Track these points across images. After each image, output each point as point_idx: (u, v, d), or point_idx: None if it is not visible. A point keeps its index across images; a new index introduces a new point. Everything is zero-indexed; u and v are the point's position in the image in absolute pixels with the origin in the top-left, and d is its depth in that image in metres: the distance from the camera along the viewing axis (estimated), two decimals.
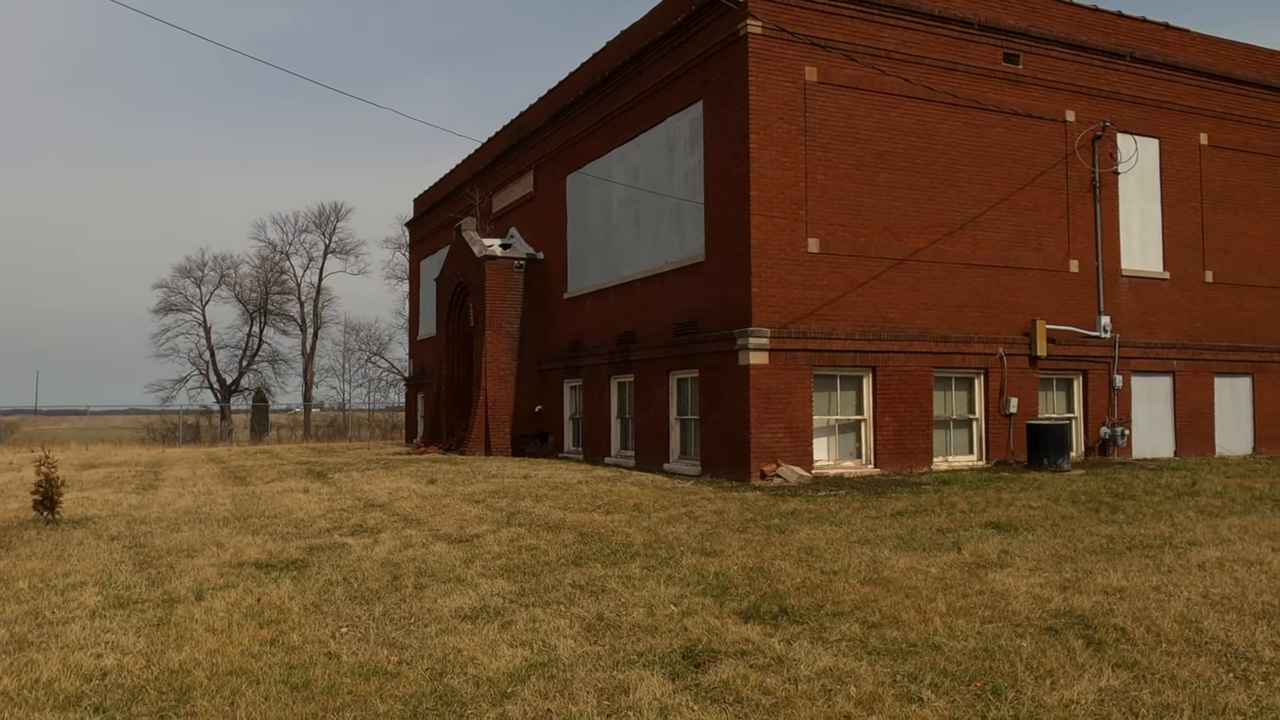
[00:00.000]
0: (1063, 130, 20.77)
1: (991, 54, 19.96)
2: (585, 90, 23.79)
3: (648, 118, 21.25)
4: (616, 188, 22.67)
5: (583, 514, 13.02)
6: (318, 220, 67.27)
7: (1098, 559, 9.51)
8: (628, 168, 22.24)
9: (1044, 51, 20.56)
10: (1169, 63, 22.21)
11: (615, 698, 5.57)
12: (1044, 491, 14.58)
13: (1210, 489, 15.09)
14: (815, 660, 6.18)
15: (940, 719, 5.17)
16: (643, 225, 21.65)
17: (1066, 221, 20.74)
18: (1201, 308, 22.54)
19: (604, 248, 23.48)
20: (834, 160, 18.18)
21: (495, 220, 30.27)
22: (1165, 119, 22.20)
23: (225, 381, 63.61)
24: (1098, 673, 5.88)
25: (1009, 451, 19.68)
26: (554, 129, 26.03)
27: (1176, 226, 22.27)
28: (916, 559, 9.47)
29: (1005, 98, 20.06)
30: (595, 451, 23.33)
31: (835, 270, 18.14)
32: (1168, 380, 21.99)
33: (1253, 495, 14.50)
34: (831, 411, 18.31)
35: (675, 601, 7.85)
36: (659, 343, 20.36)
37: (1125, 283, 21.49)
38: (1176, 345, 21.98)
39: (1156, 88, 22.06)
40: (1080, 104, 20.99)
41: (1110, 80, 21.40)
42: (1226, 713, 5.21)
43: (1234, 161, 23.18)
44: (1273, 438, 23.24)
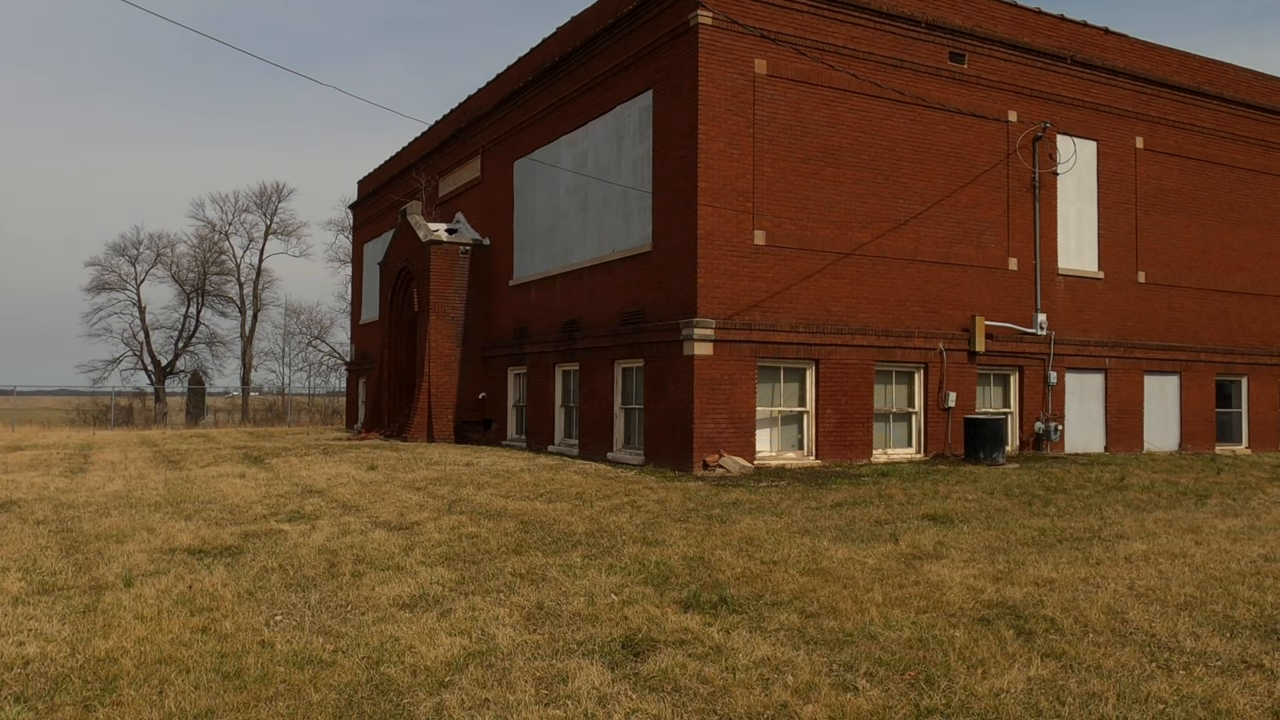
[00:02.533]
0: (1005, 130, 21.13)
1: (938, 52, 20.22)
2: (534, 76, 23.61)
3: (597, 105, 21.16)
4: (564, 175, 22.55)
5: (525, 502, 12.97)
6: (259, 200, 65.86)
7: (1029, 551, 9.73)
8: (576, 155, 22.13)
9: (988, 52, 20.89)
10: (1108, 67, 22.72)
11: (554, 686, 5.57)
12: (979, 485, 14.87)
13: (1138, 484, 15.52)
14: (753, 650, 6.23)
15: (875, 708, 5.24)
16: (590, 213, 21.58)
17: (1006, 220, 21.13)
18: (1133, 307, 23.14)
19: (551, 235, 23.36)
20: (781, 153, 18.29)
21: (441, 205, 29.94)
22: (1103, 122, 22.71)
23: (160, 363, 62.12)
24: (1027, 662, 6.02)
25: (947, 445, 20.03)
26: (502, 114, 25.80)
27: (1111, 227, 22.82)
28: (855, 550, 9.60)
29: (950, 96, 20.35)
30: (539, 440, 23.25)
31: (780, 263, 18.26)
32: (1100, 378, 22.55)
33: (1178, 490, 14.95)
34: (774, 403, 18.46)
35: (616, 590, 7.86)
36: (604, 331, 20.33)
37: (1061, 281, 21.97)
38: (1109, 344, 22.54)
39: (1095, 91, 22.55)
40: (1022, 105, 21.37)
41: (1051, 82, 21.82)
42: (1149, 701, 5.36)
43: (1167, 166, 23.81)
44: (1198, 434, 23.97)
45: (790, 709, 5.23)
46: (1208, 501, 13.90)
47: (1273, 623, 7.05)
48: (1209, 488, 15.35)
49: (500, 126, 25.98)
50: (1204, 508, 13.27)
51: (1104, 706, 5.26)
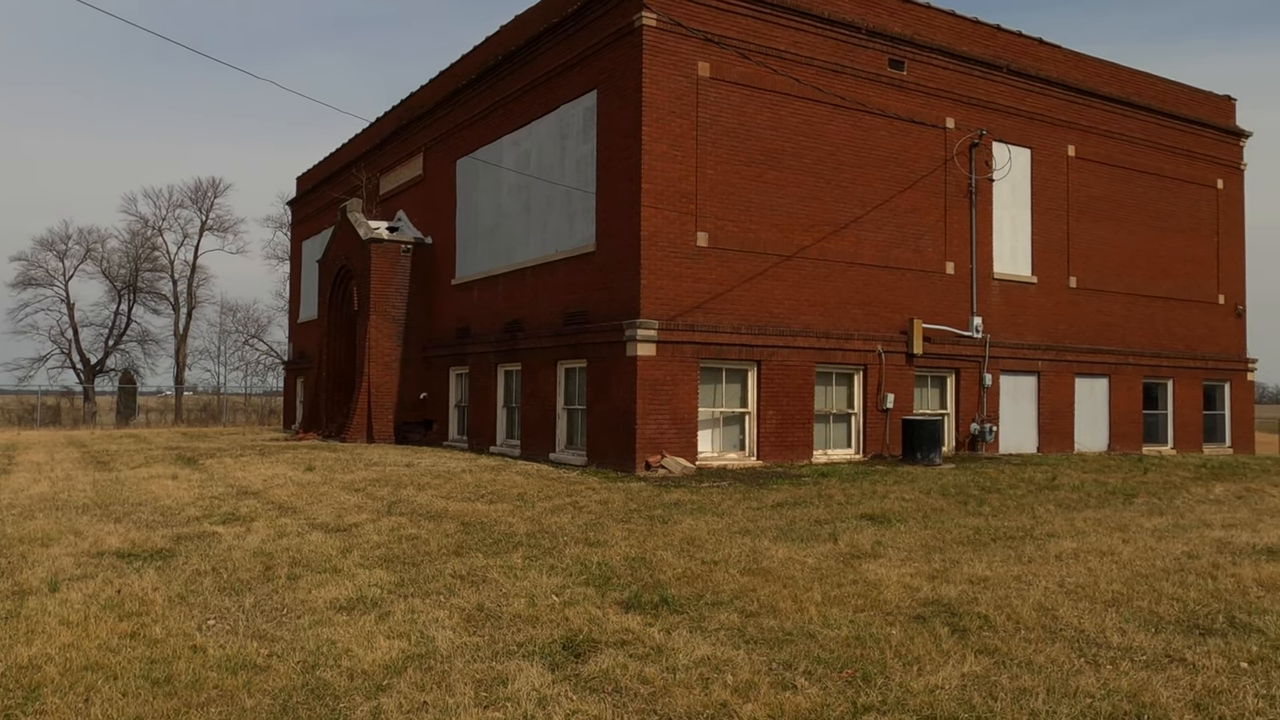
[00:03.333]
0: (942, 136, 21.53)
1: (878, 59, 20.53)
2: (478, 74, 23.44)
3: (541, 105, 21.08)
4: (508, 174, 22.43)
5: (466, 503, 12.87)
6: (194, 195, 64.34)
7: (964, 550, 9.92)
8: (519, 154, 22.03)
9: (927, 59, 21.26)
10: (1041, 76, 23.27)
11: (494, 689, 5.53)
12: (917, 485, 15.11)
13: (1069, 483, 15.91)
14: (694, 649, 6.26)
15: (813, 706, 5.30)
16: (533, 213, 21.49)
17: (944, 225, 21.53)
18: (1065, 311, 23.73)
19: (494, 234, 23.21)
20: (724, 156, 18.41)
21: (383, 202, 29.57)
22: (1037, 130, 23.26)
23: (89, 361, 60.38)
24: (961, 659, 6.14)
25: (885, 445, 20.33)
26: (445, 111, 25.58)
27: (1044, 233, 23.38)
28: (795, 549, 9.69)
29: (890, 102, 20.66)
30: (481, 440, 23.08)
31: (723, 265, 18.38)
32: (1033, 380, 23.09)
33: (1106, 490, 15.36)
34: (717, 404, 18.57)
35: (557, 592, 7.84)
36: (547, 332, 20.26)
37: (996, 285, 22.45)
38: (1042, 346, 23.09)
39: (1030, 100, 23.08)
40: (959, 112, 21.80)
41: (987, 90, 22.29)
42: (1077, 695, 5.50)
43: (1098, 174, 24.47)
44: (1126, 435, 24.67)
45: (730, 708, 5.26)
46: (1135, 501, 14.31)
47: (1195, 618, 7.28)
48: (1136, 487, 15.79)
49: (443, 125, 25.75)
50: (1131, 507, 13.66)
51: (1034, 701, 5.38)
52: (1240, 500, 14.93)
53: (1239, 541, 10.70)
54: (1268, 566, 9.22)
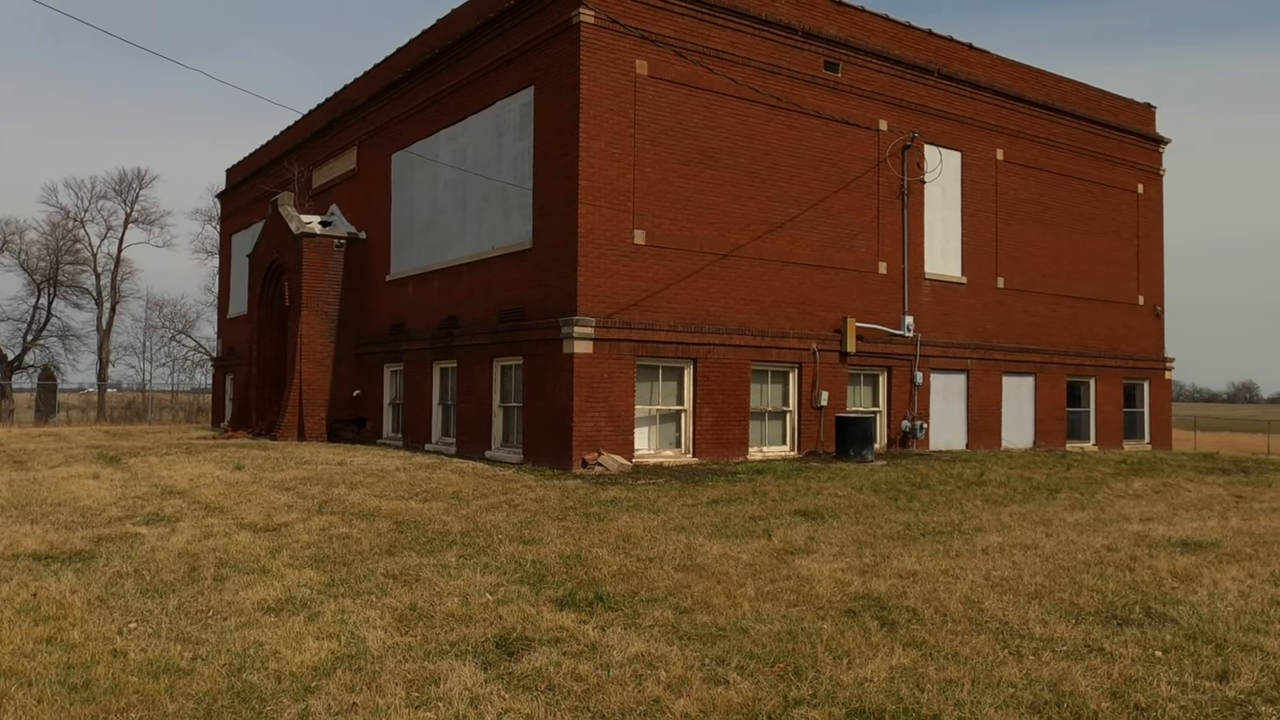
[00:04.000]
0: (876, 138, 21.87)
1: (813, 61, 20.77)
2: (414, 67, 23.16)
3: (477, 100, 20.91)
4: (443, 169, 22.21)
5: (399, 502, 12.71)
6: (118, 187, 62.41)
7: (895, 545, 10.10)
8: (455, 149, 21.82)
9: (861, 62, 21.57)
10: (972, 81, 23.77)
11: (425, 689, 5.48)
12: (849, 481, 15.34)
13: (996, 479, 16.29)
14: (628, 646, 6.27)
15: (744, 700, 5.35)
16: (469, 209, 21.31)
17: (877, 225, 21.87)
18: (993, 311, 24.29)
19: (429, 230, 22.96)
20: (662, 154, 18.46)
21: (315, 196, 29.05)
22: (967, 134, 23.75)
23: (6, 358, 58.25)
24: (890, 652, 6.25)
25: (819, 443, 20.59)
26: (380, 105, 25.22)
27: (974, 235, 23.90)
28: (729, 546, 9.77)
29: (824, 104, 20.92)
30: (415, 438, 22.83)
31: (660, 263, 18.43)
32: (962, 378, 23.59)
33: (1031, 485, 15.76)
34: (653, 401, 18.62)
35: (491, 590, 7.79)
36: (483, 329, 20.12)
37: (928, 285, 22.88)
38: (971, 346, 23.60)
39: (960, 104, 23.56)
40: (892, 114, 22.16)
41: (920, 94, 22.70)
42: (1001, 686, 5.64)
43: (1025, 177, 25.08)
44: (1051, 432, 25.34)
45: (662, 704, 5.28)
46: (1058, 496, 14.70)
47: (1113, 609, 7.51)
48: (1059, 483, 16.23)
49: (377, 118, 25.39)
50: (1055, 501, 14.04)
51: (960, 692, 5.51)
52: (1157, 495, 15.44)
53: (1156, 535, 11.06)
54: (1182, 559, 9.55)
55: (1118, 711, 5.25)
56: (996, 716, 5.12)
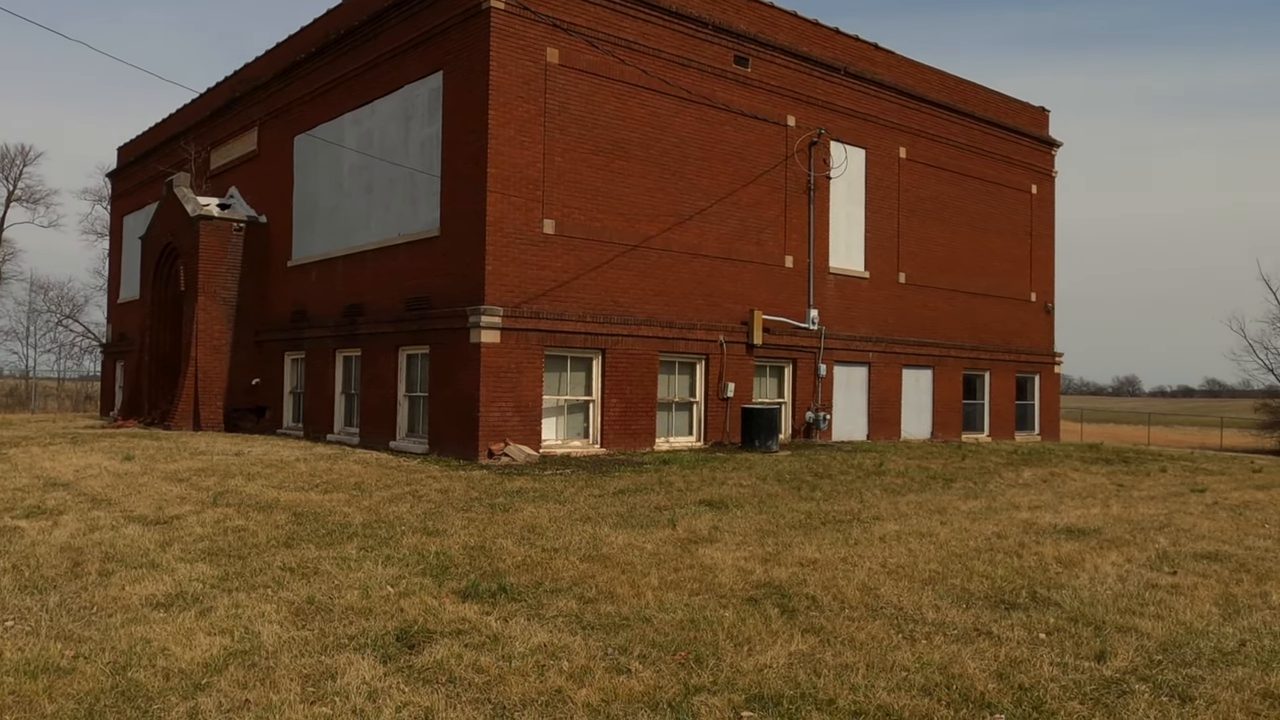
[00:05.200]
0: (784, 134, 22.19)
1: (723, 55, 20.94)
2: (318, 47, 22.54)
3: (384, 83, 20.48)
4: (348, 153, 21.70)
5: (298, 493, 12.41)
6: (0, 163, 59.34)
7: (796, 533, 10.30)
8: (361, 133, 21.34)
9: (770, 58, 21.84)
10: (877, 80, 24.30)
11: (321, 683, 5.37)
12: (754, 471, 15.57)
13: (894, 469, 16.75)
14: (531, 637, 6.26)
15: (646, 688, 5.39)
16: (375, 194, 20.87)
17: (784, 219, 22.21)
18: (894, 306, 24.92)
19: (333, 215, 22.42)
20: (572, 144, 18.39)
21: (213, 178, 28.06)
22: (871, 131, 24.28)
23: None
24: (789, 638, 6.37)
25: (725, 433, 20.84)
26: (282, 85, 24.48)
27: (877, 231, 24.46)
28: (634, 535, 9.82)
29: (734, 98, 21.12)
30: (317, 428, 22.30)
31: (569, 252, 18.38)
32: (864, 370, 24.15)
33: (928, 475, 16.26)
34: (561, 391, 18.58)
35: (393, 582, 7.68)
36: (389, 317, 19.75)
37: (832, 279, 23.35)
38: (873, 339, 24.17)
39: (865, 102, 24.07)
40: (800, 110, 22.51)
41: (827, 91, 23.10)
42: (894, 669, 5.81)
43: (925, 175, 25.78)
44: (947, 424, 26.15)
45: (564, 694, 5.29)
46: (953, 485, 15.20)
47: (1002, 594, 7.81)
48: (955, 472, 16.78)
49: (280, 99, 24.65)
50: (950, 491, 14.51)
51: (855, 677, 5.65)
52: (1045, 484, 16.10)
53: (1043, 522, 11.53)
54: (1066, 545, 9.98)
55: (1003, 692, 5.46)
56: (889, 699, 5.27)
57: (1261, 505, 14.41)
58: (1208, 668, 5.99)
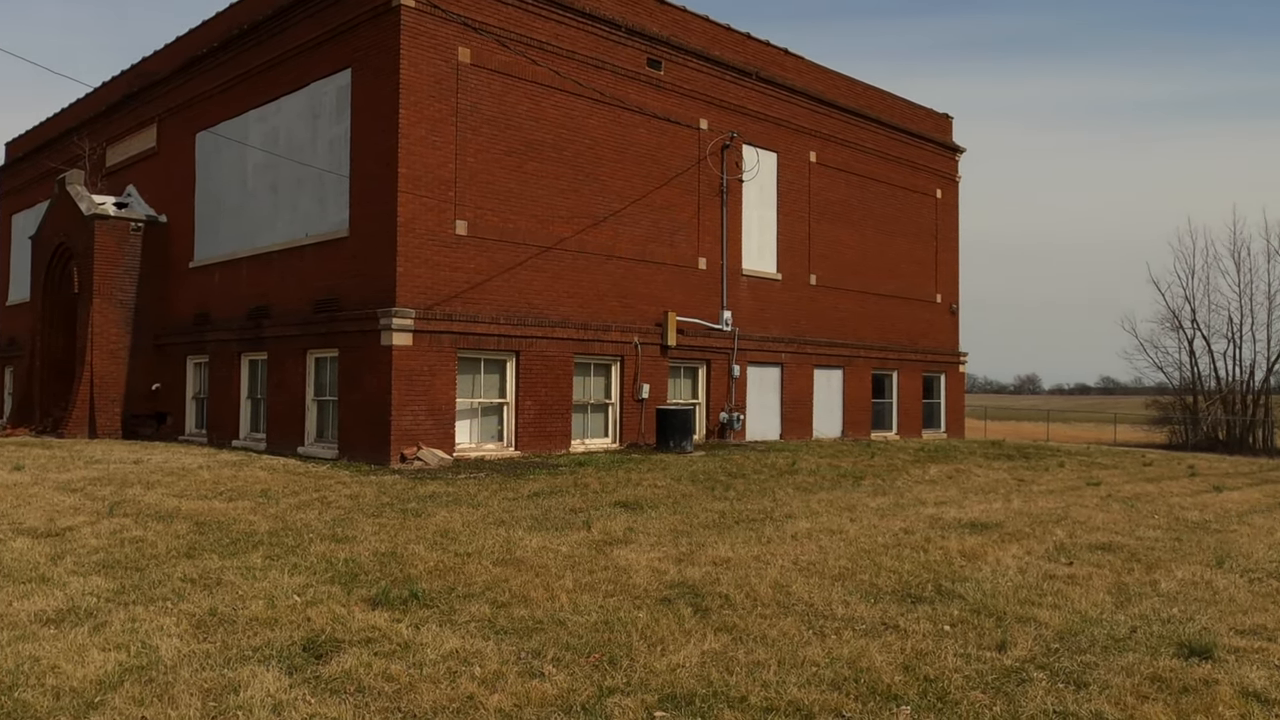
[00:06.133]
0: (696, 136, 22.37)
1: (637, 57, 21.02)
2: (221, 42, 21.88)
3: (290, 80, 19.99)
4: (253, 151, 21.11)
5: (201, 501, 12.02)
6: None
7: (710, 533, 10.39)
8: (266, 130, 20.79)
9: (683, 61, 22.00)
10: (788, 85, 24.69)
11: (223, 698, 5.20)
12: (669, 472, 15.65)
13: (807, 468, 17.03)
14: (442, 643, 6.17)
15: (559, 692, 5.37)
16: (281, 194, 20.35)
17: (697, 221, 22.39)
18: (806, 307, 25.35)
19: (238, 215, 21.78)
20: (485, 144, 18.23)
21: (109, 175, 26.99)
22: (782, 135, 24.65)
23: None
24: (702, 637, 6.42)
25: (640, 434, 20.91)
26: (183, 80, 23.68)
27: (788, 233, 24.85)
28: (549, 538, 9.77)
29: (647, 100, 21.22)
30: (222, 434, 21.64)
31: (482, 254, 18.21)
32: (777, 371, 24.50)
33: (839, 473, 16.57)
34: (475, 394, 18.39)
35: (300, 591, 7.49)
36: (296, 319, 19.28)
37: (745, 281, 23.63)
38: (785, 340, 24.54)
39: (776, 106, 24.43)
40: (713, 114, 22.72)
41: (738, 95, 23.38)
42: (804, 665, 5.89)
43: (835, 179, 26.29)
44: (857, 423, 26.71)
45: (476, 700, 5.23)
46: (863, 483, 15.52)
47: (909, 588, 8.00)
48: (864, 470, 17.14)
49: (181, 94, 23.84)
50: (859, 488, 14.81)
51: (767, 673, 5.72)
52: (950, 480, 16.56)
53: (948, 517, 11.86)
54: (970, 539, 10.28)
55: (909, 684, 5.59)
56: (800, 695, 5.35)
57: (1151, 497, 15.08)
58: (1101, 654, 6.24)
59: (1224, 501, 14.92)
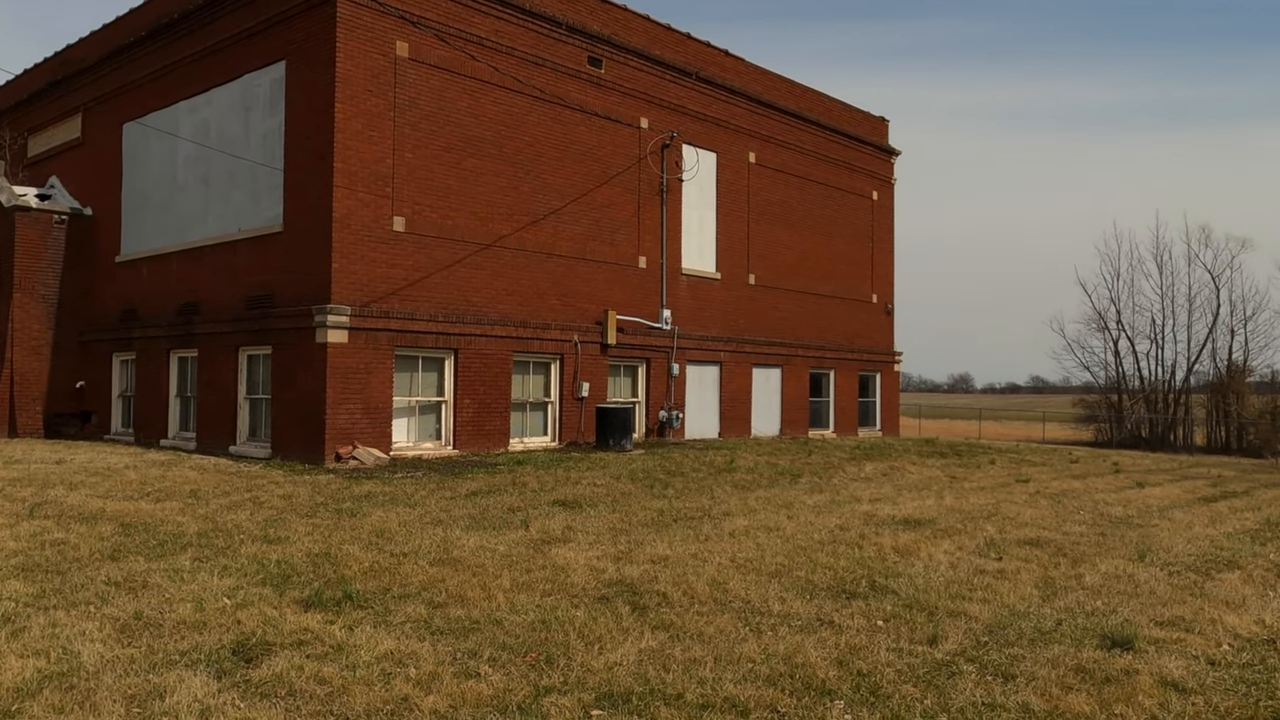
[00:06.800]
0: (637, 135, 22.40)
1: (578, 55, 20.97)
2: (150, 30, 21.29)
3: (223, 71, 19.54)
4: (184, 144, 20.60)
5: (127, 502, 11.70)
6: None
7: (649, 531, 10.41)
8: (198, 122, 20.29)
9: (624, 60, 22.01)
10: (728, 86, 24.84)
11: (148, 704, 5.07)
12: (608, 470, 15.65)
13: (745, 466, 17.16)
14: (377, 645, 6.09)
15: (495, 692, 5.33)
16: (213, 187, 19.89)
17: (638, 220, 22.42)
18: (745, 306, 25.54)
19: (167, 208, 21.24)
20: (423, 140, 18.03)
21: (31, 166, 26.11)
22: (722, 136, 24.81)
23: None
24: (640, 635, 6.43)
25: (580, 433, 20.87)
26: (111, 69, 23.00)
27: (728, 233, 25.01)
28: (486, 538, 9.71)
29: (588, 98, 21.18)
30: (150, 433, 21.08)
31: (421, 251, 18.01)
32: (716, 369, 24.65)
33: (776, 471, 16.73)
34: (412, 393, 18.19)
35: (230, 594, 7.33)
36: (228, 316, 18.87)
37: (685, 280, 23.72)
38: (724, 339, 24.70)
39: (716, 107, 24.57)
40: (653, 113, 22.77)
41: (679, 95, 23.46)
42: (740, 661, 5.94)
43: (774, 180, 26.53)
44: (795, 421, 26.99)
45: (411, 702, 5.17)
46: (799, 480, 15.69)
47: (844, 584, 8.11)
48: (801, 468, 17.33)
49: (107, 83, 23.16)
50: (796, 485, 14.97)
51: (703, 670, 5.75)
52: (885, 477, 16.82)
53: (882, 514, 12.05)
54: (904, 535, 10.46)
55: (843, 679, 5.66)
56: (736, 691, 5.39)
57: (1078, 493, 15.50)
58: (1028, 647, 6.39)
59: (1146, 497, 15.40)
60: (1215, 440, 48.38)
